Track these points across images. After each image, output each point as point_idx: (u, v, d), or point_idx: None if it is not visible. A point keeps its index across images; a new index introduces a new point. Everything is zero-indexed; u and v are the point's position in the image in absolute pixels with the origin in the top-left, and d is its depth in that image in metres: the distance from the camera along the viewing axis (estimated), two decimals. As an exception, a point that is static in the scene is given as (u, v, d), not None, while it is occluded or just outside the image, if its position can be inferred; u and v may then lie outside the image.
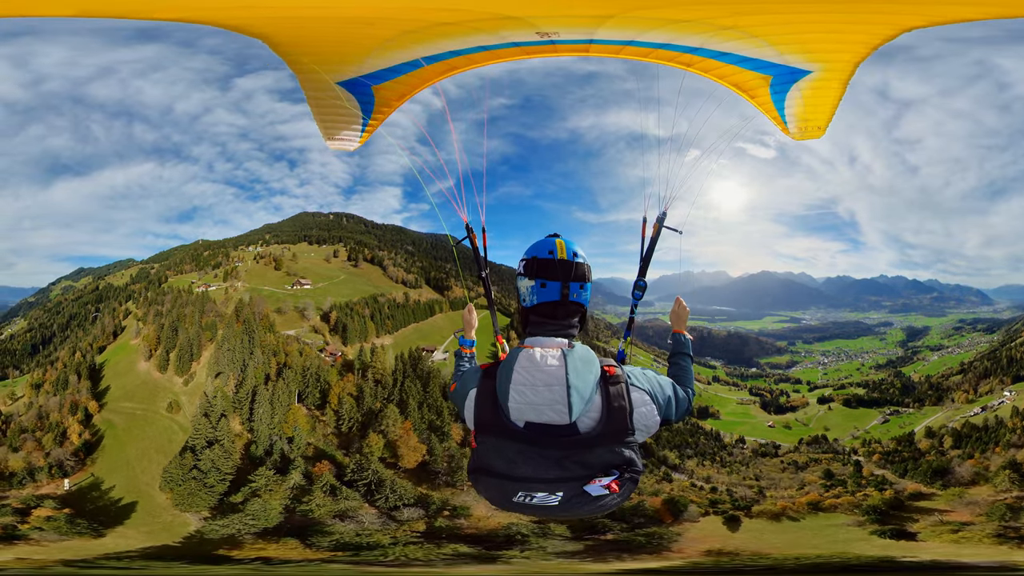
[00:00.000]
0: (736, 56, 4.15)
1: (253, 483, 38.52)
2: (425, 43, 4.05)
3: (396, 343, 61.12)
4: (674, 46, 4.16)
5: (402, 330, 65.19)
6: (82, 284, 70.09)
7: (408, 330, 65.29)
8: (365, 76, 4.35)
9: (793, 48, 3.97)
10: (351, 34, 3.99)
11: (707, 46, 4.08)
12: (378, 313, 64.65)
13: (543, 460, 2.57)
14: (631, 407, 2.64)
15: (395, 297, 68.75)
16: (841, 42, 3.87)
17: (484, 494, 2.77)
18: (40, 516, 35.14)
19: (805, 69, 4.13)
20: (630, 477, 2.64)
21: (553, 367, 2.50)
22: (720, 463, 58.23)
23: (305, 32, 3.99)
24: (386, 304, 66.81)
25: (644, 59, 4.35)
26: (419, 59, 4.22)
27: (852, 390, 74.15)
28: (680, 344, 3.50)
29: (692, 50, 4.17)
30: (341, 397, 46.81)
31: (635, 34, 4.04)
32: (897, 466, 49.35)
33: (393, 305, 67.33)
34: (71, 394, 47.29)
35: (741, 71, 4.33)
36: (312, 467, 40.08)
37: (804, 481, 49.89)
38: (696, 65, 4.34)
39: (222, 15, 3.62)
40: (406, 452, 43.29)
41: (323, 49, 4.11)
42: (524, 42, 4.10)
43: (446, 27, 3.90)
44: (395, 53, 4.15)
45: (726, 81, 4.46)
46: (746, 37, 3.90)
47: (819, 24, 3.75)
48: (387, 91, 4.56)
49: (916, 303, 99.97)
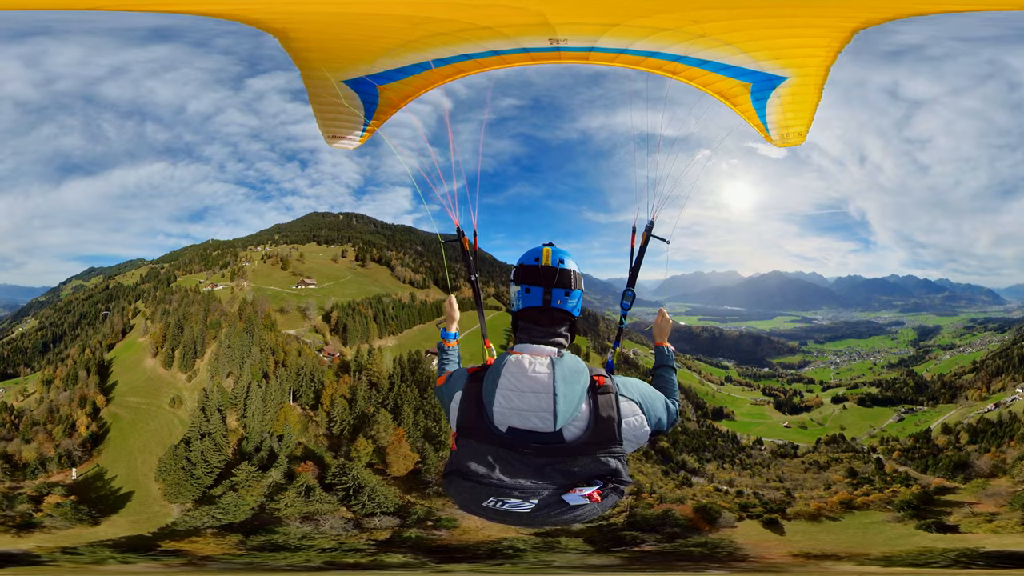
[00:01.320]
0: (716, 64, 4.32)
1: (234, 477, 38.98)
2: (445, 46, 4.11)
3: (400, 344, 60.49)
4: (661, 54, 4.32)
5: (406, 331, 64.37)
6: (92, 283, 70.70)
7: (413, 331, 64.41)
8: (372, 76, 4.37)
9: (765, 54, 4.14)
10: (372, 32, 4.04)
11: (690, 54, 4.25)
12: (381, 314, 63.92)
13: (524, 467, 2.56)
14: (620, 417, 2.63)
15: (400, 298, 67.86)
16: (807, 46, 4.04)
17: (454, 497, 2.73)
18: (51, 503, 36.64)
19: (780, 75, 4.29)
20: (614, 488, 2.58)
21: (541, 374, 2.49)
22: (740, 466, 57.67)
23: (323, 29, 4.03)
24: (391, 305, 65.92)
25: (636, 67, 4.51)
26: (429, 61, 4.25)
27: (866, 389, 73.55)
28: (664, 356, 3.51)
29: (677, 58, 4.34)
30: (334, 398, 46.30)
31: (628, 43, 4.21)
32: (918, 462, 49.84)
33: (398, 306, 66.39)
34: (80, 389, 48.62)
35: (723, 79, 4.48)
36: (296, 467, 40.16)
37: (829, 481, 49.71)
38: (682, 73, 4.50)
39: (241, 8, 3.69)
40: (395, 459, 42.28)
41: (338, 46, 4.14)
42: (534, 48, 4.23)
43: (475, 31, 4.01)
44: (410, 54, 4.19)
45: (710, 89, 4.61)
46: (719, 44, 4.09)
47: (782, 29, 3.95)
48: (392, 92, 4.59)
49: (927, 302, 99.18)
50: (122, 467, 41.14)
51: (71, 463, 41.73)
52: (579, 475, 2.55)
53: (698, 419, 68.29)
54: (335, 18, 3.92)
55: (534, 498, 2.53)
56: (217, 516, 36.13)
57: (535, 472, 2.54)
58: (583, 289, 2.91)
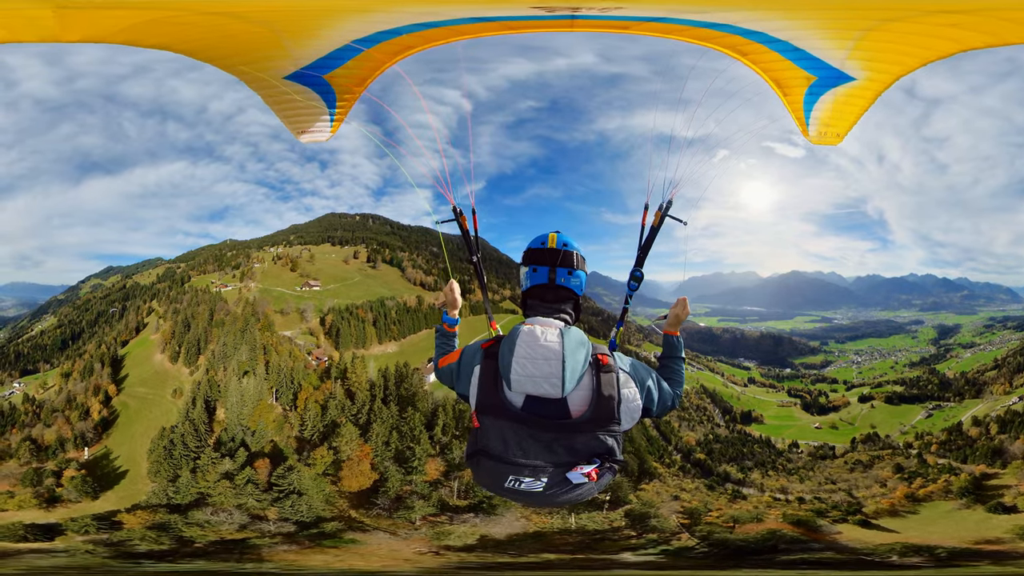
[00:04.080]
0: (794, 50, 3.89)
1: (198, 461, 40.96)
2: (367, 18, 3.69)
3: (401, 351, 58.51)
4: (721, 26, 3.83)
5: (410, 337, 62.34)
6: (111, 282, 70.92)
7: (418, 337, 62.43)
8: (308, 67, 4.06)
9: (854, 53, 3.77)
10: (278, 26, 3.67)
11: (766, 31, 3.80)
12: (383, 318, 61.80)
13: (535, 443, 2.67)
14: (619, 397, 2.75)
15: (406, 301, 65.40)
16: (899, 53, 3.71)
17: (480, 479, 2.86)
18: (67, 476, 40.80)
19: (852, 75, 3.98)
20: (609, 467, 2.70)
21: (552, 343, 2.64)
22: (784, 471, 56.54)
23: (216, 35, 3.63)
24: (394, 308, 63.58)
25: (679, 37, 3.99)
26: (351, 43, 3.84)
27: (890, 388, 72.55)
28: (672, 347, 3.45)
29: (743, 32, 3.87)
30: (307, 403, 46.10)
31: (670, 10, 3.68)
32: (956, 453, 51.03)
33: (402, 310, 64.22)
34: (95, 379, 52.12)
35: (791, 66, 4.08)
36: (256, 462, 41.31)
37: (879, 478, 50.03)
38: (738, 48, 4.06)
39: (131, 35, 3.27)
40: (349, 475, 41.47)
41: (242, 49, 3.79)
42: (512, 16, 3.87)
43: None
44: (326, 41, 3.79)
45: (765, 71, 4.21)
46: (811, 28, 3.70)
47: (884, 33, 3.60)
48: (342, 78, 4.26)
49: (946, 301, 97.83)
50: (125, 448, 44.41)
51: (84, 443, 45.74)
52: (582, 452, 2.66)
53: (727, 424, 67.11)
54: (225, 21, 3.45)
55: (544, 476, 2.68)
56: (170, 495, 38.58)
57: (545, 449, 2.66)
58: (586, 271, 3.09)
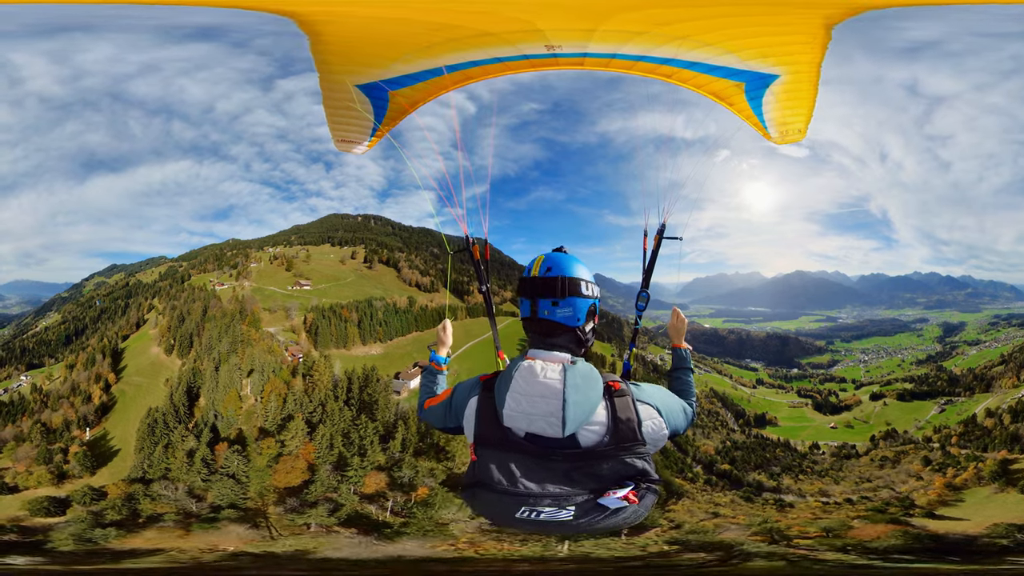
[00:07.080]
0: (705, 65, 4.26)
1: (170, 436, 44.14)
2: (456, 52, 4.16)
3: (386, 353, 57.66)
4: (650, 58, 4.26)
5: (398, 339, 60.23)
6: (114, 280, 72.35)
7: (407, 339, 60.39)
8: (385, 81, 4.38)
9: (750, 54, 4.09)
10: (392, 35, 4.11)
11: (677, 57, 4.20)
12: (367, 319, 60.61)
13: (548, 473, 2.50)
14: (639, 418, 2.58)
15: (396, 302, 63.79)
16: (791, 43, 3.98)
17: (482, 511, 2.62)
18: (73, 452, 45.23)
19: (771, 74, 4.24)
20: (647, 487, 2.53)
21: (552, 380, 2.46)
22: (813, 474, 55.59)
23: (348, 29, 4.09)
24: (381, 309, 61.96)
25: (630, 72, 4.44)
26: (441, 67, 4.27)
27: (900, 385, 71.90)
28: (680, 359, 3.42)
29: (666, 61, 4.28)
30: (270, 395, 47.15)
31: (616, 47, 4.17)
32: (976, 443, 52.04)
33: (391, 310, 62.42)
34: (96, 369, 56.16)
35: (715, 80, 4.41)
36: (217, 445, 43.79)
37: (912, 471, 50.21)
38: (675, 76, 4.44)
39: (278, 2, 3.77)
40: (283, 469, 42.03)
41: (358, 49, 4.20)
42: (534, 55, 4.25)
43: (480, 37, 4.09)
44: (423, 60, 4.23)
45: (704, 91, 4.54)
46: (702, 45, 4.04)
47: (761, 28, 3.89)
48: (403, 97, 4.58)
49: (950, 299, 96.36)
50: (120, 430, 48.50)
51: (87, 425, 50.37)
52: (608, 478, 2.49)
53: (741, 428, 65.97)
54: (360, 20, 3.98)
55: (570, 505, 2.47)
56: (145, 468, 42.26)
57: (563, 477, 2.49)
58: (587, 294, 2.71)
